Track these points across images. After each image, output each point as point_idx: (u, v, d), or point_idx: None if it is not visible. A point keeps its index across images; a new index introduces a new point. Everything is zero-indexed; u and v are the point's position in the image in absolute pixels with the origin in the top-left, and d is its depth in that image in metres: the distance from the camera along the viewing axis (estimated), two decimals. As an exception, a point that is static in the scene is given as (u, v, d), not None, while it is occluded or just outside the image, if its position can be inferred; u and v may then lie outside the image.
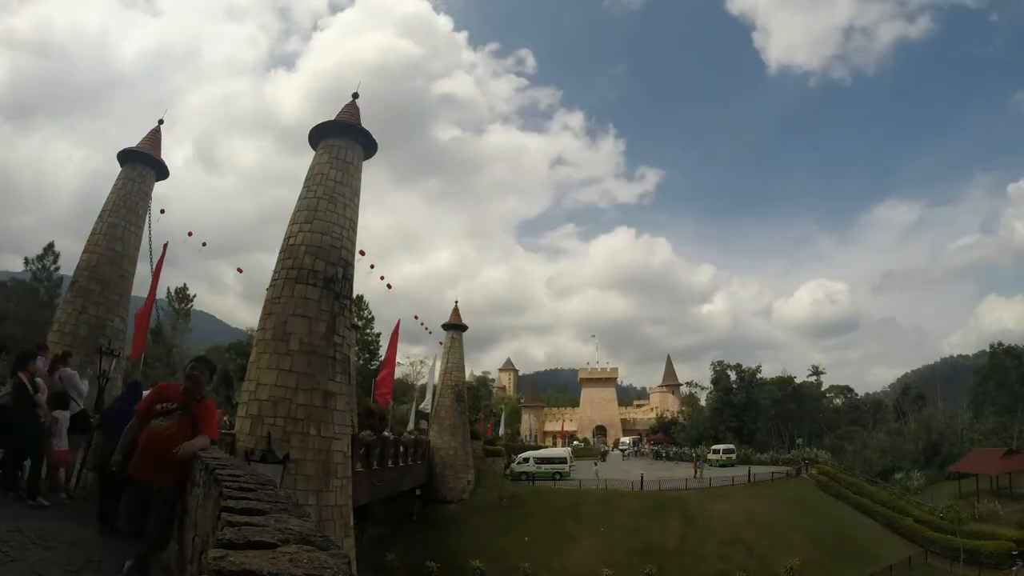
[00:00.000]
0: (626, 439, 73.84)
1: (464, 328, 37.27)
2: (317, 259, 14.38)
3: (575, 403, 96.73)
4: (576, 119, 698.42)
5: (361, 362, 42.63)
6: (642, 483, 34.78)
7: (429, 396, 32.62)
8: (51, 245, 37.33)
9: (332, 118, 16.56)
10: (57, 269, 36.56)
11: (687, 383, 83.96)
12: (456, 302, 37.69)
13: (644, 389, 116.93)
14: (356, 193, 16.09)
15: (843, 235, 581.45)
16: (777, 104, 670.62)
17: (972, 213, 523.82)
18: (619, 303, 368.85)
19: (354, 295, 18.79)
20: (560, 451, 43.67)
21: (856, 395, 69.71)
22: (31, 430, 6.93)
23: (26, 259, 36.69)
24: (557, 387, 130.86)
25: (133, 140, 18.20)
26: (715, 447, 50.82)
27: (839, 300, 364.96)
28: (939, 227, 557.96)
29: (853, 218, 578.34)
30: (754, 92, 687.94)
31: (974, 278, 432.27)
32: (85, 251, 16.38)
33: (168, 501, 4.08)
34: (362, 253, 19.18)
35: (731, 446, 49.96)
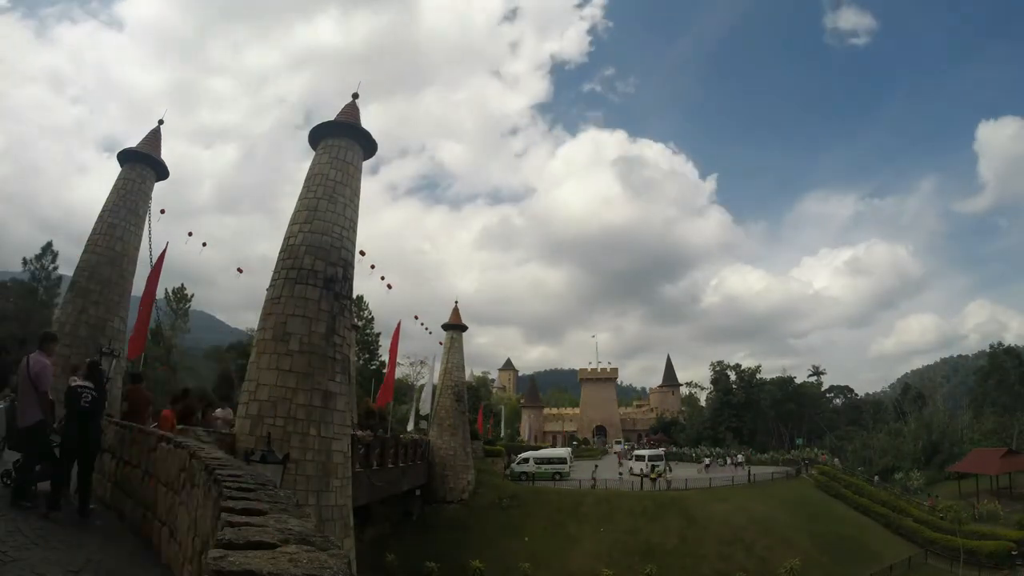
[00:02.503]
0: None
1: (464, 328, 37.21)
2: (317, 259, 14.36)
3: (575, 403, 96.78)
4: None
5: (361, 362, 42.61)
6: (642, 483, 34.92)
7: (428, 396, 32.59)
8: (49, 244, 37.33)
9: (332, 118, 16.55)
10: (56, 269, 36.55)
11: (687, 383, 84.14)
12: (456, 302, 37.67)
13: (644, 389, 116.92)
14: (356, 193, 16.08)
15: (775, 231, 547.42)
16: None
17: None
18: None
19: (354, 295, 18.77)
20: (560, 451, 43.64)
21: (856, 395, 69.81)
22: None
23: (24, 259, 36.63)
24: (557, 387, 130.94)
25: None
26: (639, 452, 43.04)
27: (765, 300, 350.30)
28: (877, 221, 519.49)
29: (780, 212, 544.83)
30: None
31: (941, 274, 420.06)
32: (85, 251, 16.40)
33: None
34: (362, 253, 19.19)
35: (660, 452, 42.87)
